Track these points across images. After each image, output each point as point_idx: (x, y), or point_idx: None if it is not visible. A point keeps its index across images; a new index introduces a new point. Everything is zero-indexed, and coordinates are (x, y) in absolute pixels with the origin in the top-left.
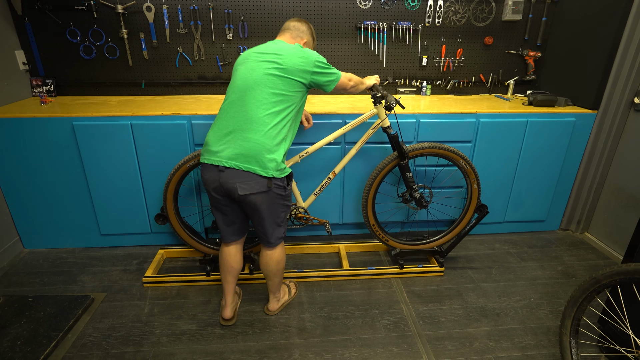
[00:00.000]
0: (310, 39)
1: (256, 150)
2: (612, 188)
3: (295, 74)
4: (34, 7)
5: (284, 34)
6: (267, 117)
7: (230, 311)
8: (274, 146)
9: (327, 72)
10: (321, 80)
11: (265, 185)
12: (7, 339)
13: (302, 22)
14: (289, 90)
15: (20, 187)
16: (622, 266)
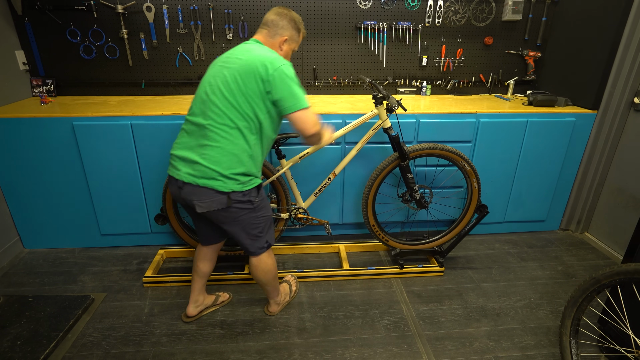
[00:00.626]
0: (294, 33)
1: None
2: (612, 188)
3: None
4: (34, 7)
5: (260, 32)
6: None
7: (193, 309)
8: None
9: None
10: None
11: (223, 202)
12: (7, 339)
13: (282, 14)
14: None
15: (20, 187)
16: (622, 266)
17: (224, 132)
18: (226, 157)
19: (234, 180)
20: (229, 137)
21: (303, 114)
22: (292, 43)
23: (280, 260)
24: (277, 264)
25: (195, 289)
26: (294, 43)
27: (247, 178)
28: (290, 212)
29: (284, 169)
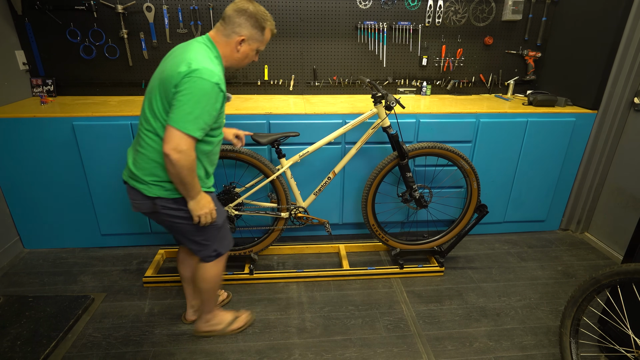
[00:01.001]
0: (254, 32)
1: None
2: (612, 188)
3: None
4: (34, 7)
5: (216, 26)
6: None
7: (191, 314)
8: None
9: (182, 102)
10: (175, 104)
11: (149, 207)
12: (7, 339)
13: (241, 10)
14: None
15: (20, 187)
16: (622, 266)
17: (149, 139)
18: (149, 163)
19: (159, 187)
20: (153, 144)
21: (176, 133)
22: (253, 43)
23: (281, 260)
24: (276, 264)
25: (187, 295)
26: (255, 43)
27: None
28: (290, 211)
29: (284, 168)
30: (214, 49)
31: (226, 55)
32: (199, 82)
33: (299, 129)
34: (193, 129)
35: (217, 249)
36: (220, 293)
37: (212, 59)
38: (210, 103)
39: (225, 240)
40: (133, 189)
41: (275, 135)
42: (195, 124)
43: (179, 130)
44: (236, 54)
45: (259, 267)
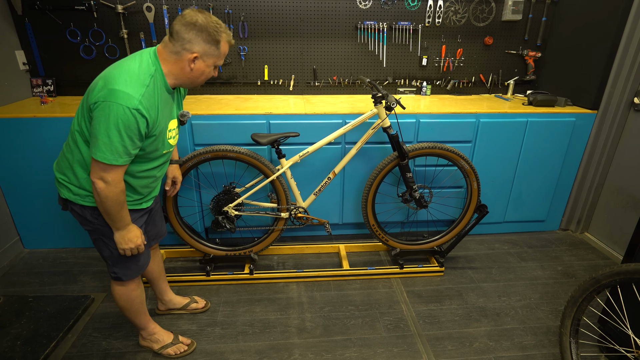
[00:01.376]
0: (208, 47)
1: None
2: (612, 188)
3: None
4: (34, 7)
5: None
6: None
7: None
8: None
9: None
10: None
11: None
12: (7, 339)
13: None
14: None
15: (20, 187)
16: (622, 266)
17: (70, 139)
18: (63, 162)
19: (67, 189)
20: (70, 144)
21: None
22: (208, 59)
23: (281, 260)
24: (276, 264)
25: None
26: (210, 58)
27: (83, 192)
28: (290, 211)
29: (284, 168)
30: (154, 66)
31: (175, 73)
32: (114, 107)
33: (299, 129)
34: (114, 158)
35: (116, 273)
36: (199, 300)
37: (142, 78)
38: (131, 129)
39: (128, 269)
40: None
41: (275, 136)
42: (114, 152)
43: (100, 161)
44: (189, 72)
45: (259, 267)
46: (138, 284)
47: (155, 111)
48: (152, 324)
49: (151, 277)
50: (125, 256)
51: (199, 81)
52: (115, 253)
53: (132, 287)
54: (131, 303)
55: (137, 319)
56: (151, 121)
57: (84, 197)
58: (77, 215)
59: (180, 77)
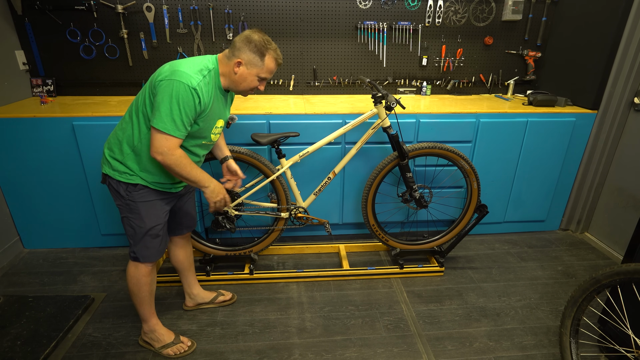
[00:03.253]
0: (253, 57)
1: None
2: (612, 188)
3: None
4: (34, 7)
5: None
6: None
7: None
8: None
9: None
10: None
11: (102, 178)
12: (7, 339)
13: (245, 38)
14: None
15: (20, 187)
16: (622, 266)
17: (124, 121)
18: (113, 139)
19: (108, 163)
20: (124, 124)
21: (157, 134)
22: (252, 68)
23: (281, 260)
24: (276, 264)
25: (183, 284)
26: (254, 68)
27: (123, 169)
28: (290, 211)
29: (284, 168)
30: (213, 65)
31: (225, 74)
32: (175, 84)
33: (299, 129)
34: (172, 129)
35: (135, 252)
36: (225, 293)
37: (202, 69)
38: (188, 104)
39: (146, 251)
40: None
41: (275, 136)
42: (174, 124)
43: (159, 130)
44: (233, 75)
45: (259, 267)
46: (152, 270)
47: (209, 100)
48: (155, 319)
49: (181, 268)
50: (147, 237)
51: (241, 87)
52: (138, 231)
53: (145, 272)
54: (140, 288)
55: (142, 308)
56: (203, 104)
57: (122, 173)
58: (112, 190)
59: (227, 78)
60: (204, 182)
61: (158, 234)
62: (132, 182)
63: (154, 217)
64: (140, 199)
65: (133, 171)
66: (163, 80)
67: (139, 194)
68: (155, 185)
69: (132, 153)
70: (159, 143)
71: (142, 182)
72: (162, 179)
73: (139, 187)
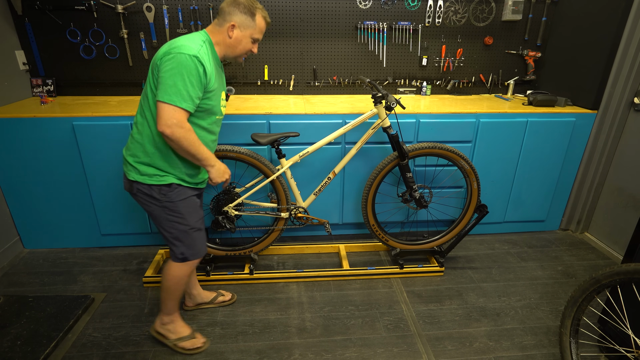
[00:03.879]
0: (245, 18)
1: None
2: (612, 188)
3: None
4: (34, 7)
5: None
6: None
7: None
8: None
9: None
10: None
11: (127, 186)
12: (7, 339)
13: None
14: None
15: (20, 187)
16: (622, 266)
17: (138, 121)
18: (133, 144)
19: (136, 170)
20: (139, 126)
21: (163, 106)
22: (245, 29)
23: (281, 260)
24: (276, 264)
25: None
26: (247, 29)
27: (152, 171)
28: (290, 211)
29: (284, 168)
30: (205, 36)
31: (219, 42)
32: (177, 56)
33: (299, 129)
34: (179, 100)
35: (184, 253)
36: (225, 294)
37: (198, 41)
38: (192, 74)
39: (194, 247)
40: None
41: (275, 136)
42: (179, 95)
43: (165, 103)
44: (228, 40)
45: (259, 267)
46: (194, 268)
47: (211, 67)
48: (178, 311)
49: None
50: (192, 234)
51: (237, 50)
52: (183, 230)
53: (189, 270)
54: (179, 286)
55: (173, 302)
56: (208, 73)
57: (152, 176)
58: (144, 196)
59: (222, 46)
60: (210, 160)
61: (201, 228)
62: (165, 182)
63: (195, 212)
64: (177, 198)
65: (164, 170)
66: (164, 56)
67: (175, 193)
68: (188, 182)
69: (157, 151)
70: (167, 115)
71: (175, 180)
72: (191, 169)
73: (174, 187)
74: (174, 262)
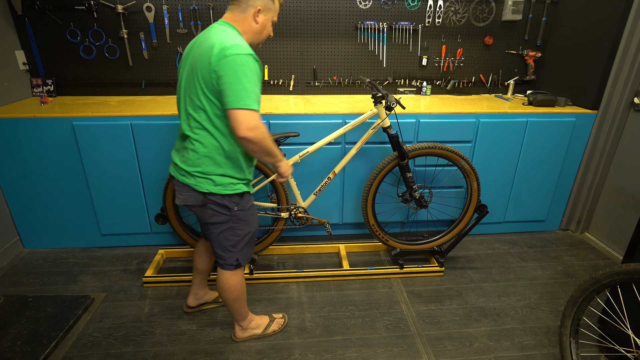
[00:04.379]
0: (267, 1)
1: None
2: (612, 188)
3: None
4: (34, 7)
5: (230, 9)
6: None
7: (192, 300)
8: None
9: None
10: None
11: (199, 199)
12: (7, 339)
13: None
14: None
15: (20, 187)
16: (622, 266)
17: (197, 135)
18: (199, 159)
19: (209, 181)
20: (201, 139)
21: (240, 112)
22: (268, 13)
23: (281, 260)
24: (276, 264)
25: (194, 282)
26: (270, 12)
27: (227, 180)
28: (290, 211)
29: None
30: (233, 27)
31: (245, 31)
32: (236, 58)
33: (299, 129)
34: (252, 102)
35: (238, 259)
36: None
37: (237, 36)
38: (254, 73)
39: (248, 252)
40: (182, 183)
41: (275, 135)
42: (251, 97)
43: (241, 109)
44: (255, 25)
45: (259, 267)
46: None
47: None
48: (249, 311)
49: (202, 270)
50: (250, 239)
51: (262, 36)
52: (244, 238)
53: (242, 273)
54: (242, 289)
55: (243, 307)
56: (261, 68)
57: (226, 185)
58: (216, 207)
59: (248, 33)
60: (279, 155)
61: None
62: (238, 191)
63: (256, 218)
64: (247, 206)
65: (237, 178)
66: (220, 61)
67: (246, 201)
68: (250, 186)
69: (228, 160)
70: (246, 120)
71: (245, 187)
72: (251, 175)
73: (245, 195)
74: (228, 272)
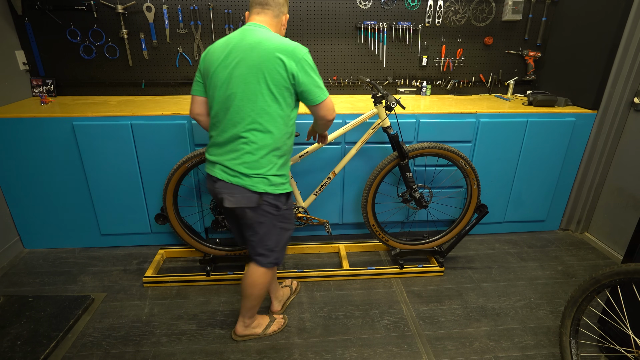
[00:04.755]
0: (287, 8)
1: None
2: (612, 188)
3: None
4: (34, 7)
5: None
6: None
7: (277, 305)
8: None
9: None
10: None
11: (254, 200)
12: (7, 339)
13: None
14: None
15: (20, 187)
16: (622, 266)
17: (254, 137)
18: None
19: (265, 180)
20: (259, 141)
21: (324, 103)
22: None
23: None
24: None
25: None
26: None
27: (280, 180)
28: None
29: None
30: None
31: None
32: (305, 57)
33: (299, 129)
34: (325, 91)
35: (277, 258)
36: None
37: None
38: (315, 67)
39: (284, 251)
40: (234, 185)
41: None
42: (323, 88)
43: (323, 101)
44: (282, 30)
45: None
46: None
47: None
48: None
49: None
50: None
51: None
52: (286, 237)
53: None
54: (266, 290)
55: (258, 306)
56: None
57: (278, 185)
58: (269, 207)
59: None
60: None
61: None
62: (286, 190)
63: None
64: (291, 205)
65: (286, 177)
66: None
67: (290, 200)
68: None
69: (281, 159)
70: (328, 107)
71: (289, 187)
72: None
73: (290, 195)
74: (262, 269)
